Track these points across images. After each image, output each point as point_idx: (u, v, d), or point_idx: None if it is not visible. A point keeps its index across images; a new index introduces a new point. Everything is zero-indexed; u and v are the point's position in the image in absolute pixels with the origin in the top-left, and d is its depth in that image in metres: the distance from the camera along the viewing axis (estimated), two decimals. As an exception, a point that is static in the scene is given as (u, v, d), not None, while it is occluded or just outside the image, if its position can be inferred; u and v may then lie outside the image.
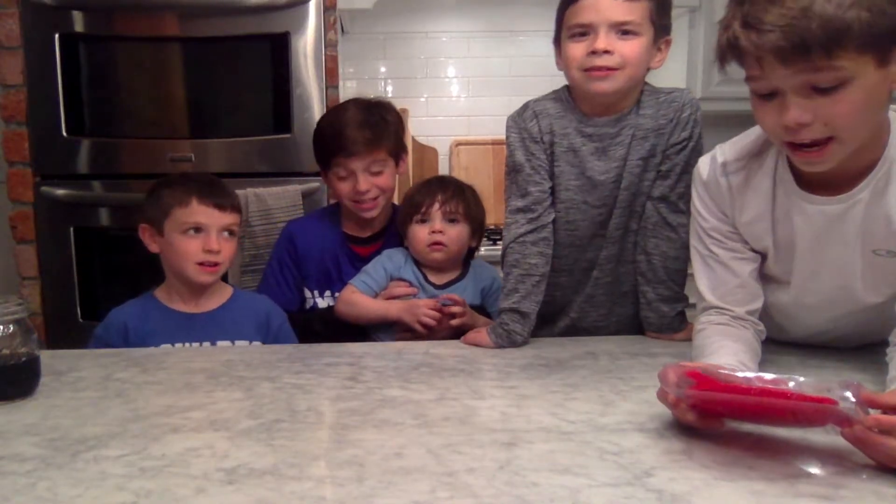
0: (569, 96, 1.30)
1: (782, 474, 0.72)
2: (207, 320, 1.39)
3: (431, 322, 1.39)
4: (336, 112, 1.58)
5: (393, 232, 1.60)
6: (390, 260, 1.51)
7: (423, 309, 1.40)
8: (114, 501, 0.68)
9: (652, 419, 0.88)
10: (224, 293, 1.44)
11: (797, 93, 0.86)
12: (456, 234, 1.47)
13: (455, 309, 1.39)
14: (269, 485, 0.71)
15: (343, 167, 1.51)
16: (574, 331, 1.39)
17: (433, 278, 1.49)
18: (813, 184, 1.00)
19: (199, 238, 1.36)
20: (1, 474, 0.74)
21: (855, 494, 0.68)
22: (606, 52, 1.19)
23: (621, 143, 1.27)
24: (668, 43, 1.26)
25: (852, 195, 0.97)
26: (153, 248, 1.41)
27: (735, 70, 0.94)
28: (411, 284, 1.48)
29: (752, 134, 1.08)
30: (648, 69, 1.26)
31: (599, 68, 1.20)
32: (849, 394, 0.71)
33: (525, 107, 1.33)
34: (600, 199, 1.30)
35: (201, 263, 1.36)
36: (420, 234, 1.47)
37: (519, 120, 1.32)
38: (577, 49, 1.22)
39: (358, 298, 1.48)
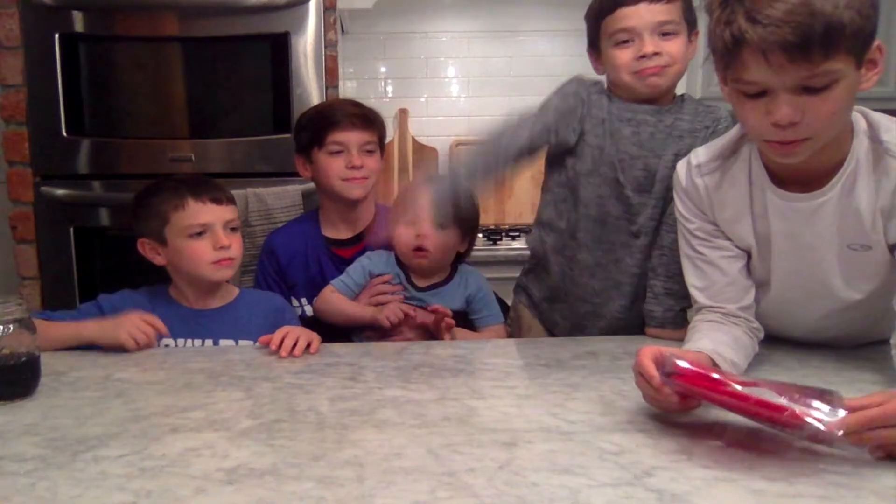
0: (609, 89, 1.36)
1: (782, 474, 0.72)
2: (214, 317, 1.37)
3: (394, 319, 1.38)
4: (322, 103, 1.70)
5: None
6: (370, 260, 1.49)
7: (392, 307, 1.40)
8: (114, 501, 0.68)
9: (652, 419, 0.88)
10: (231, 291, 1.42)
11: (789, 91, 0.87)
12: (442, 240, 1.43)
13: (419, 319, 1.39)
14: (269, 485, 0.71)
15: (337, 142, 1.51)
16: (610, 331, 1.40)
17: (416, 280, 1.47)
18: (786, 181, 1.03)
19: (207, 238, 1.32)
20: (1, 474, 0.74)
21: (855, 494, 0.68)
22: (655, 53, 1.25)
23: (654, 135, 1.31)
24: (696, 34, 1.32)
25: (823, 191, 1.00)
26: (158, 260, 1.36)
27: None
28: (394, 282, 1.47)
29: (726, 136, 1.12)
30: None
31: (651, 68, 1.26)
32: (824, 412, 0.73)
33: (594, 83, 1.36)
34: (633, 182, 1.32)
35: (216, 262, 1.32)
36: (405, 236, 1.43)
37: (581, 82, 1.35)
38: (624, 55, 1.27)
39: (335, 298, 1.47)
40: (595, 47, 1.35)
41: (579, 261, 1.37)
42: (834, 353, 1.16)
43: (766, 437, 0.81)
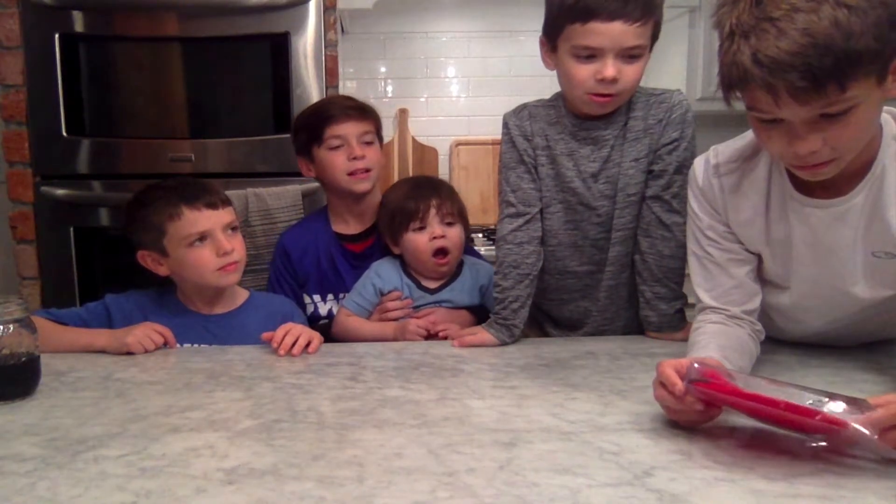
0: (562, 103, 1.31)
1: (782, 474, 0.72)
2: (222, 322, 1.35)
3: (419, 339, 1.38)
4: (315, 103, 1.74)
5: None
6: (378, 276, 1.48)
7: (412, 328, 1.39)
8: (114, 501, 0.68)
9: (652, 419, 0.88)
10: (240, 296, 1.40)
11: (807, 123, 0.84)
12: (456, 236, 1.44)
13: (442, 333, 1.38)
14: (269, 485, 0.71)
15: (337, 136, 1.51)
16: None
17: (426, 283, 1.47)
18: (810, 187, 1.00)
19: (208, 245, 1.29)
20: (1, 474, 0.74)
21: (855, 494, 0.68)
22: (614, 80, 1.18)
23: (608, 143, 1.28)
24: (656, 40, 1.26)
25: (848, 197, 0.97)
26: (161, 271, 1.33)
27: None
28: (403, 296, 1.46)
29: (747, 136, 1.07)
30: None
31: (605, 94, 1.21)
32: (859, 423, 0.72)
33: (523, 107, 1.34)
34: (597, 199, 1.30)
35: (221, 268, 1.30)
36: (420, 242, 1.42)
37: (515, 118, 1.33)
38: (584, 72, 1.20)
39: (353, 323, 1.46)
40: (550, 38, 1.24)
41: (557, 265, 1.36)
42: (834, 353, 1.16)
43: (766, 437, 0.81)
